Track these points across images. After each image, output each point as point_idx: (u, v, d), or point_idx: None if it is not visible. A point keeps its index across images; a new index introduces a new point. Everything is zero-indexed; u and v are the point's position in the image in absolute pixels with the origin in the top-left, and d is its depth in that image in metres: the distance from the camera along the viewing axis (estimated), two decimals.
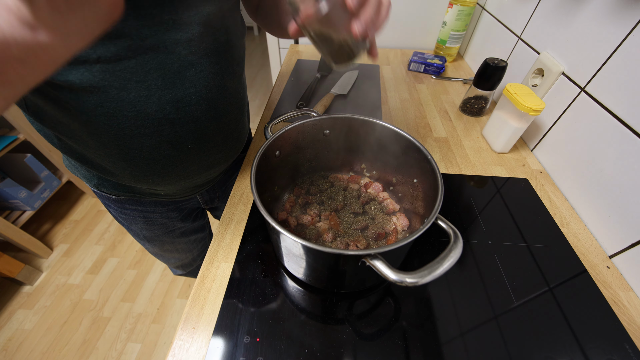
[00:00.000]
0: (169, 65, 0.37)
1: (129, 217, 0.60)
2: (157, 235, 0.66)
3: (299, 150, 0.51)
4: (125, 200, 0.56)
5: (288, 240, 0.35)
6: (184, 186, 0.54)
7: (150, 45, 0.34)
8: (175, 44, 0.36)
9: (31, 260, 1.43)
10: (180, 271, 0.86)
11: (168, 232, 0.66)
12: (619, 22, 0.48)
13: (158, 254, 0.76)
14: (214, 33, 0.40)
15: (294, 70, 0.95)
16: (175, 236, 0.69)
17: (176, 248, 0.73)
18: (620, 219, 0.47)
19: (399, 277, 0.29)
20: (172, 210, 0.62)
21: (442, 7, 1.00)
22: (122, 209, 0.58)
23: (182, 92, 0.39)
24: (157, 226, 0.63)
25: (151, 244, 0.69)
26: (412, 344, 0.38)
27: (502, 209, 0.55)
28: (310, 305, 0.41)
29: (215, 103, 0.44)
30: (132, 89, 0.36)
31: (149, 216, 0.61)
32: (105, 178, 0.50)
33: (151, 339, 1.19)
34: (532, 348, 0.38)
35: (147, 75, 0.36)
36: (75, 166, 0.52)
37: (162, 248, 0.71)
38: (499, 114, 0.66)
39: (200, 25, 0.37)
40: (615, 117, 0.48)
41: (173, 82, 0.38)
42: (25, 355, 1.14)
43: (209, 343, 0.37)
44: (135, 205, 0.57)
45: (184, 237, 0.71)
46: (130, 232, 0.66)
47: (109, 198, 0.56)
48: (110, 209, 0.60)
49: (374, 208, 0.51)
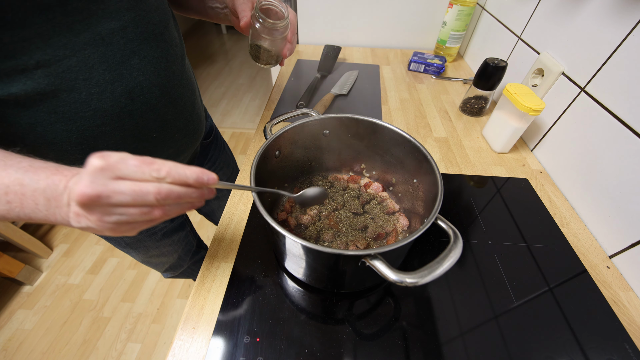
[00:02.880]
0: (112, 57, 0.36)
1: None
2: (140, 239, 0.63)
3: (299, 150, 0.51)
4: None
5: (288, 241, 0.35)
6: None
7: (87, 40, 0.34)
8: (112, 34, 0.35)
9: (31, 260, 1.43)
10: (170, 274, 0.85)
11: (150, 236, 0.64)
12: (619, 22, 0.48)
13: (145, 261, 0.74)
14: (146, 16, 0.39)
15: (294, 70, 0.95)
16: (157, 239, 0.67)
17: (161, 252, 0.72)
18: (620, 219, 0.47)
19: (398, 277, 0.29)
20: None
21: (442, 7, 1.00)
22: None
23: (132, 82, 0.39)
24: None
25: (136, 250, 0.67)
26: (412, 344, 0.38)
27: (502, 209, 0.55)
28: (310, 305, 0.41)
29: (168, 88, 0.44)
30: (81, 88, 0.35)
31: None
32: None
33: (151, 339, 1.19)
34: (532, 348, 0.38)
35: (92, 72, 0.35)
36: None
37: (148, 254, 0.70)
38: (499, 114, 0.66)
39: (130, 10, 0.37)
40: (615, 117, 0.48)
41: (120, 74, 0.37)
42: (25, 355, 1.14)
43: (209, 343, 0.37)
44: None
45: (166, 239, 0.69)
46: (111, 241, 0.64)
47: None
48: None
49: (374, 208, 0.51)
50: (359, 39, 1.12)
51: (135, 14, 0.37)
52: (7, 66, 0.30)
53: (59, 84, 0.33)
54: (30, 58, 0.31)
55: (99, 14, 0.34)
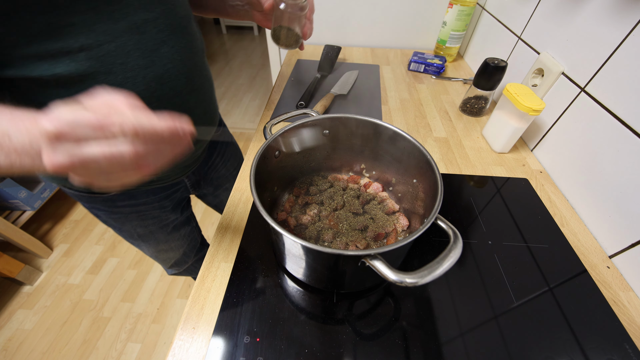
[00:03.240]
0: (145, 45, 0.39)
1: (121, 215, 0.59)
2: (152, 231, 0.65)
3: (299, 150, 0.51)
4: (117, 197, 0.55)
5: (287, 241, 0.35)
6: (177, 166, 0.56)
7: (124, 28, 0.37)
8: (145, 23, 0.39)
9: (31, 260, 1.43)
10: (174, 270, 0.86)
11: (162, 227, 0.66)
12: (619, 22, 0.48)
13: (154, 255, 0.75)
14: (174, 9, 0.42)
15: (294, 70, 0.95)
16: (168, 232, 0.68)
17: (170, 246, 0.73)
18: (620, 219, 0.47)
19: (398, 277, 0.29)
20: (164, 198, 0.62)
21: (442, 7, 1.00)
22: (114, 207, 0.57)
23: (161, 68, 0.42)
24: (150, 220, 0.63)
25: (146, 243, 0.68)
26: (412, 344, 0.38)
27: (502, 209, 0.55)
28: (310, 306, 0.41)
29: (192, 77, 0.47)
30: (118, 72, 0.38)
31: (141, 210, 0.60)
32: None
33: (151, 339, 1.19)
34: (532, 348, 0.38)
35: (128, 57, 0.38)
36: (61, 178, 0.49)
37: (157, 247, 0.71)
38: (499, 114, 0.66)
39: (161, 4, 0.40)
40: (615, 117, 0.48)
41: (152, 61, 0.40)
42: (25, 355, 1.14)
43: (209, 343, 0.37)
44: (128, 199, 0.57)
45: (175, 232, 0.71)
46: (123, 234, 0.65)
47: (99, 200, 0.55)
48: (100, 214, 0.59)
49: (374, 208, 0.51)
50: (359, 39, 1.12)
51: (165, 7, 0.41)
52: (53, 48, 0.33)
53: (98, 66, 0.36)
54: (76, 42, 0.34)
55: (134, 5, 0.37)
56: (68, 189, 0.53)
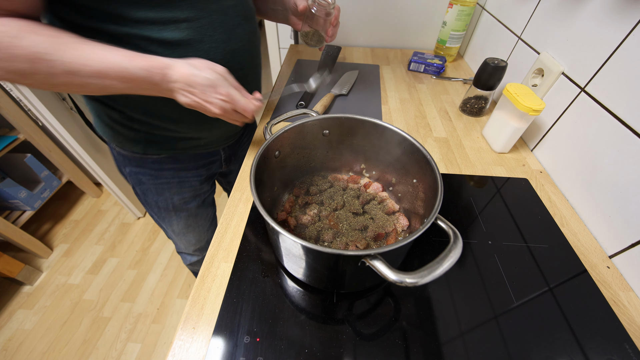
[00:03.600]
0: (227, 24, 0.49)
1: (163, 182, 0.66)
2: (186, 201, 0.71)
3: (299, 150, 0.51)
4: (165, 160, 0.63)
5: (287, 241, 0.35)
6: (223, 132, 0.64)
7: (214, 8, 0.47)
8: (228, 8, 0.49)
9: (31, 260, 1.43)
10: (196, 257, 0.91)
11: (194, 198, 0.73)
12: (619, 22, 0.48)
13: (181, 232, 0.79)
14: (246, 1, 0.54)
15: (294, 70, 0.95)
16: (198, 205, 0.75)
17: (197, 223, 0.79)
18: (620, 219, 0.47)
19: (398, 277, 0.29)
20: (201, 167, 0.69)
21: (442, 7, 1.00)
22: (160, 171, 0.64)
23: (235, 45, 0.52)
24: (187, 189, 0.69)
25: (178, 216, 0.74)
26: (412, 344, 0.38)
27: (502, 209, 0.55)
28: (310, 306, 0.42)
29: (253, 57, 0.58)
30: (206, 41, 0.47)
31: (182, 176, 0.67)
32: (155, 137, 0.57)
33: (151, 339, 1.19)
34: (532, 348, 0.38)
35: (215, 31, 0.48)
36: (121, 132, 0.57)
37: (187, 222, 0.76)
38: (499, 114, 0.66)
39: None
40: (615, 117, 0.48)
41: (230, 37, 0.50)
42: (25, 355, 1.14)
43: (209, 343, 0.37)
44: (173, 163, 0.64)
45: (204, 208, 0.78)
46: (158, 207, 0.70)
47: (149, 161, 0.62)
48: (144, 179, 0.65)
49: (374, 208, 0.51)
50: (359, 39, 1.12)
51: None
52: (166, 16, 0.43)
53: (193, 35, 0.46)
54: (182, 14, 0.44)
55: None
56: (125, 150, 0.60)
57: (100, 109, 0.54)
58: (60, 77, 0.37)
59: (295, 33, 1.14)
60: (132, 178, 0.66)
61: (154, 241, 1.53)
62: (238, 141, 0.75)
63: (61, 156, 1.43)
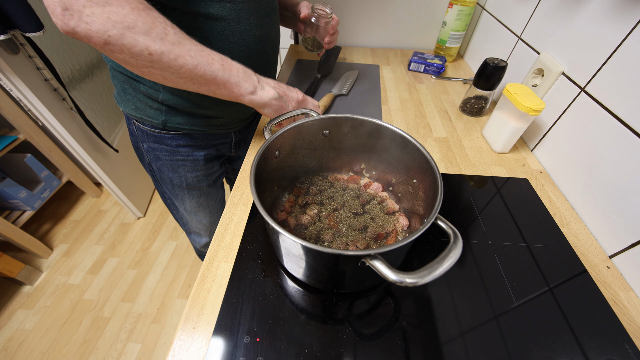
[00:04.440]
0: (260, 11, 0.55)
1: (179, 159, 0.68)
2: (199, 179, 0.75)
3: (299, 151, 0.51)
4: (182, 137, 0.65)
5: (287, 241, 0.35)
6: (239, 113, 0.68)
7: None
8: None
9: (31, 260, 1.43)
10: (206, 238, 0.94)
11: (207, 176, 0.76)
12: (619, 22, 0.48)
13: (193, 210, 0.82)
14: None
15: (294, 70, 0.95)
16: (210, 183, 0.78)
17: (208, 202, 0.82)
18: (620, 219, 0.47)
19: (398, 277, 0.29)
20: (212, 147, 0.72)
21: (442, 7, 1.00)
22: (176, 148, 0.66)
23: (265, 31, 0.57)
24: (200, 167, 0.73)
25: (190, 194, 0.77)
26: (412, 344, 0.38)
27: (502, 209, 0.55)
28: (310, 306, 0.42)
29: (275, 45, 0.64)
30: (243, 22, 0.52)
31: (196, 154, 0.70)
32: (175, 112, 0.60)
33: (151, 339, 1.19)
34: (532, 348, 0.38)
35: (251, 15, 0.53)
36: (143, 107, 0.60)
37: (199, 201, 0.80)
38: (499, 114, 0.66)
39: None
40: (615, 117, 0.48)
41: (262, 23, 0.56)
42: (25, 355, 1.14)
43: (209, 343, 0.37)
44: (190, 140, 0.67)
45: (215, 188, 0.82)
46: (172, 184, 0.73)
47: (167, 137, 0.64)
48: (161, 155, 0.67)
49: (374, 208, 0.51)
50: (359, 39, 1.12)
51: None
52: None
53: (233, 15, 0.51)
54: None
55: None
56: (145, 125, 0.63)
57: (127, 81, 0.57)
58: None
59: (296, 34, 1.14)
60: (150, 154, 0.68)
61: (154, 241, 1.53)
62: (248, 127, 0.78)
63: (61, 156, 1.43)
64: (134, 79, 0.56)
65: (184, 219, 0.87)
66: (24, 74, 1.02)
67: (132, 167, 1.58)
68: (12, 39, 0.96)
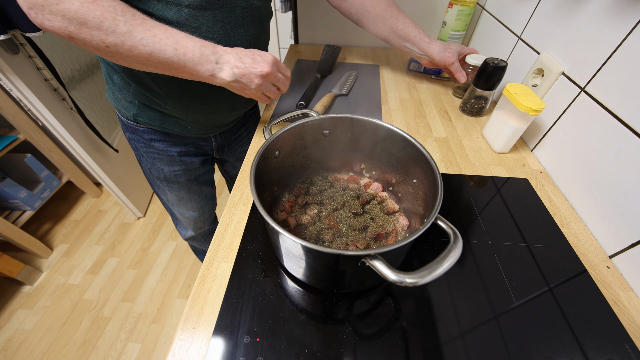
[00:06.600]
0: (228, 21, 0.51)
1: (154, 152, 0.69)
2: (177, 174, 0.75)
3: (299, 151, 0.51)
4: (154, 132, 0.66)
5: (287, 241, 0.35)
6: (210, 121, 0.66)
7: (222, 4, 0.49)
8: (236, 7, 0.51)
9: (31, 260, 1.43)
10: (191, 232, 0.94)
11: (185, 172, 0.75)
12: (619, 22, 0.48)
13: (175, 203, 0.83)
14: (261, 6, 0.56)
15: (294, 70, 0.95)
16: (189, 179, 0.78)
17: (191, 197, 0.82)
18: (620, 219, 0.47)
19: (398, 277, 0.29)
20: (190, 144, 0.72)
21: (442, 7, 1.00)
22: (151, 140, 0.67)
23: (233, 43, 0.53)
24: (177, 163, 0.73)
25: (170, 187, 0.77)
26: (412, 344, 0.38)
27: (502, 209, 0.55)
28: (310, 306, 0.42)
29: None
30: (203, 30, 0.50)
31: (172, 151, 0.70)
32: (145, 108, 0.60)
33: (151, 339, 1.19)
34: (532, 348, 0.38)
35: (214, 24, 0.50)
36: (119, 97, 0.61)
37: (179, 195, 0.80)
38: (499, 114, 0.66)
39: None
40: (615, 117, 0.48)
41: (229, 34, 0.52)
42: (25, 355, 1.14)
43: (209, 343, 0.37)
44: (163, 136, 0.67)
45: (197, 185, 0.81)
46: (153, 174, 0.74)
47: (140, 131, 0.65)
48: (139, 146, 0.69)
49: (374, 208, 0.51)
50: (359, 39, 1.12)
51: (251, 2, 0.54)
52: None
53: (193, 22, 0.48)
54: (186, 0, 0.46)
55: None
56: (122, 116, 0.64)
57: (108, 70, 0.58)
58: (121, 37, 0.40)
59: (295, 33, 1.14)
60: (131, 144, 0.70)
61: (154, 241, 1.53)
62: (233, 133, 0.78)
63: (61, 156, 1.43)
64: (113, 69, 0.56)
65: (169, 210, 0.88)
66: (24, 74, 1.02)
67: (132, 167, 1.58)
68: (12, 39, 0.96)
